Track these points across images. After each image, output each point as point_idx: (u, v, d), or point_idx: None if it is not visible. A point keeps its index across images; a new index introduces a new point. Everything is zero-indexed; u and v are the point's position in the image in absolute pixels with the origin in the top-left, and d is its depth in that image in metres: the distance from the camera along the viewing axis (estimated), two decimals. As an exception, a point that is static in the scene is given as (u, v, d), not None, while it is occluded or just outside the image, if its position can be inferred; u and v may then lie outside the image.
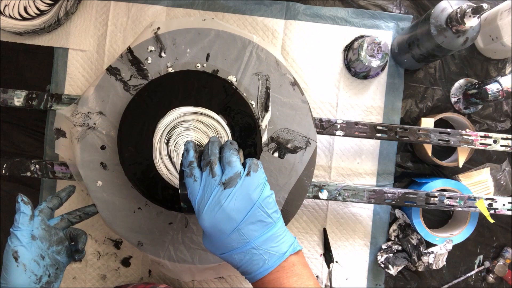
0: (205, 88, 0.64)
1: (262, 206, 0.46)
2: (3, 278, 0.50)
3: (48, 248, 0.53)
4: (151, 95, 0.64)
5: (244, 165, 0.48)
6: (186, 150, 0.50)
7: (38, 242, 0.52)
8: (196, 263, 0.67)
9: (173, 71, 0.66)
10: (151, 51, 0.67)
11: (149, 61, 0.67)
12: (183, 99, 0.63)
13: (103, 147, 0.66)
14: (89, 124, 0.66)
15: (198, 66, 0.67)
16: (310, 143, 0.67)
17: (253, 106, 0.66)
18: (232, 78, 0.66)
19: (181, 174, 0.50)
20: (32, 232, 0.52)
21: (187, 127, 0.61)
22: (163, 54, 0.67)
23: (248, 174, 0.46)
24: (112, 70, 0.67)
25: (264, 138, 0.66)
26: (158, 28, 0.68)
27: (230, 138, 0.62)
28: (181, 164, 0.50)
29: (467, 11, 0.58)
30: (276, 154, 0.66)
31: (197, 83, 0.64)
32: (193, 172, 0.47)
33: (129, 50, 0.67)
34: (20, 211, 0.52)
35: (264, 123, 0.66)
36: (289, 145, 0.66)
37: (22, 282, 0.50)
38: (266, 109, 0.66)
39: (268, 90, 0.66)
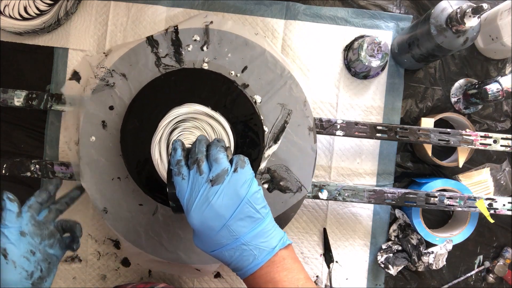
0: (229, 97, 0.64)
1: (250, 202, 0.46)
2: None
3: (40, 243, 0.53)
4: (177, 81, 0.64)
5: (231, 162, 0.48)
6: (174, 149, 0.50)
7: (28, 238, 0.52)
8: (148, 252, 0.67)
9: (207, 68, 0.67)
10: (195, 40, 0.67)
11: (189, 49, 0.67)
12: (205, 98, 0.64)
13: (111, 108, 0.67)
14: (108, 81, 0.67)
15: (231, 74, 0.67)
16: (301, 190, 0.66)
17: (265, 132, 0.66)
18: (257, 98, 0.66)
19: (169, 173, 0.50)
20: (20, 228, 0.52)
21: (196, 125, 0.61)
22: (205, 48, 0.67)
23: (235, 170, 0.46)
24: (151, 41, 0.67)
25: (262, 166, 0.66)
26: (211, 22, 0.68)
27: (232, 151, 0.62)
28: (169, 163, 0.50)
29: (467, 11, 0.58)
30: (266, 186, 0.66)
31: (224, 89, 0.64)
32: (181, 170, 0.48)
33: (176, 29, 0.67)
34: (6, 209, 0.52)
35: (268, 152, 0.66)
36: (281, 183, 0.66)
37: (13, 279, 0.49)
38: (276, 140, 0.66)
39: (286, 124, 0.66)
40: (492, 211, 0.69)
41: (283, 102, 0.67)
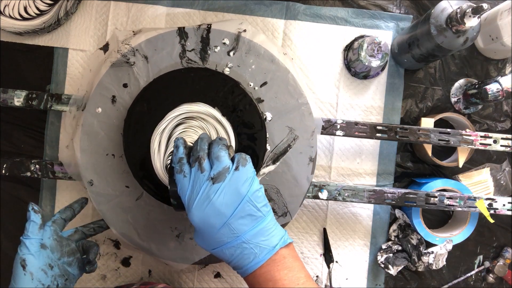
0: (241, 107, 0.64)
1: (251, 200, 0.46)
2: (12, 286, 0.50)
3: (59, 258, 0.53)
4: (195, 79, 0.64)
5: (233, 160, 0.48)
6: (176, 147, 0.50)
7: (48, 252, 0.52)
8: (120, 234, 0.67)
9: (228, 73, 0.66)
10: (224, 43, 0.67)
11: (216, 50, 0.67)
12: (217, 102, 0.63)
13: (125, 85, 0.66)
14: (129, 59, 0.66)
15: (250, 85, 0.66)
16: (285, 216, 0.66)
17: (267, 151, 0.66)
18: (268, 115, 0.66)
19: (171, 170, 0.50)
20: (41, 241, 0.52)
21: (202, 126, 0.61)
22: (231, 54, 0.67)
23: (236, 168, 0.46)
24: (182, 32, 0.67)
25: None
26: (244, 30, 0.68)
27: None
28: (171, 161, 0.50)
29: (467, 11, 0.58)
30: None
31: (239, 100, 0.64)
32: (182, 168, 0.48)
33: (209, 28, 0.67)
34: (30, 220, 0.53)
35: (264, 170, 0.66)
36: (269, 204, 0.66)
37: None
38: (274, 161, 0.66)
39: (288, 148, 0.66)
40: (492, 211, 0.69)
41: (292, 126, 0.66)
